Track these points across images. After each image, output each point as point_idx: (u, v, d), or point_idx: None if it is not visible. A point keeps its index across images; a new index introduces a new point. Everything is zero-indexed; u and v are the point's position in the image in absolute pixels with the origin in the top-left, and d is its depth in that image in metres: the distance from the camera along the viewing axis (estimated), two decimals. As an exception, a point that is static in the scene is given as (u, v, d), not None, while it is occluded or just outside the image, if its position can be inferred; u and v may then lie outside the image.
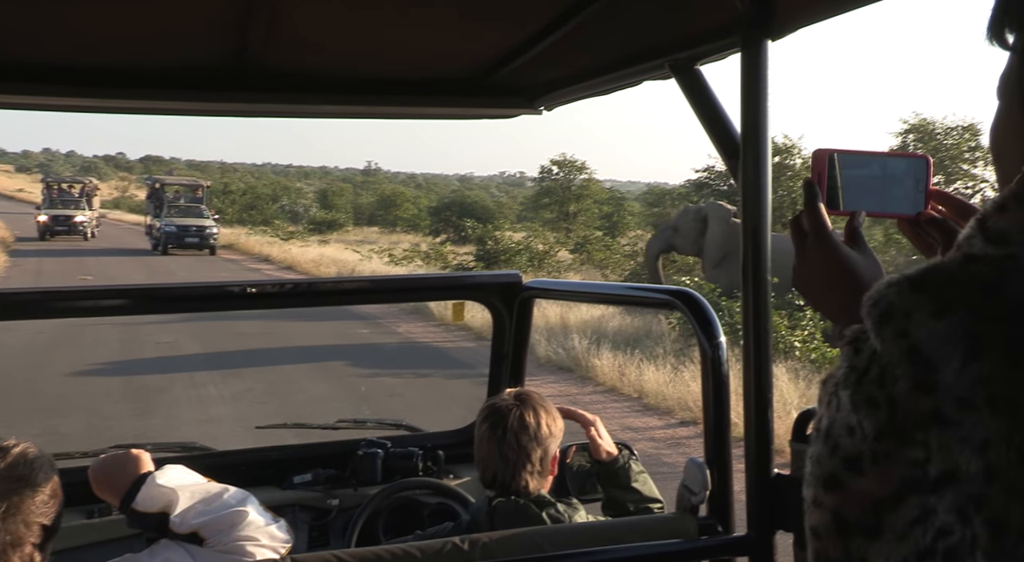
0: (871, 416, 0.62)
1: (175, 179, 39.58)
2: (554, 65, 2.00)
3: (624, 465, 1.99)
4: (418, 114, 2.35)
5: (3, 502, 1.42)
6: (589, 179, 37.06)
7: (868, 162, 1.00)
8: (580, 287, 2.57)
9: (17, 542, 1.43)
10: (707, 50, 1.62)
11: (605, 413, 8.62)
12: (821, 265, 0.92)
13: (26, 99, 1.92)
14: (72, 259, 24.26)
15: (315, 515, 2.34)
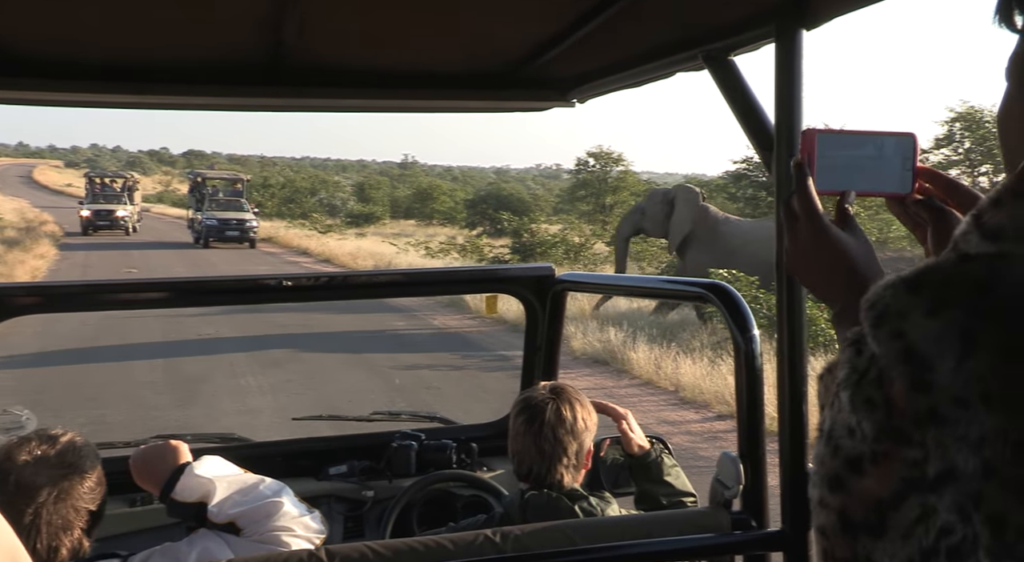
0: (870, 417, 0.61)
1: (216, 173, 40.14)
2: (587, 57, 1.99)
3: (656, 459, 1.98)
4: (450, 107, 2.36)
5: (54, 488, 1.48)
6: (626, 171, 36.82)
7: (856, 141, 0.98)
8: (613, 280, 2.57)
9: (67, 526, 1.49)
10: (741, 40, 1.61)
11: (641, 406, 8.59)
12: (813, 247, 0.92)
13: (68, 96, 1.96)
14: (117, 252, 24.82)
15: (350, 506, 2.37)
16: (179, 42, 1.79)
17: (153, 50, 1.83)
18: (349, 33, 1.79)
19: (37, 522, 1.45)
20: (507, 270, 2.63)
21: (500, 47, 1.93)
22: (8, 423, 2.03)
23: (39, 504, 1.46)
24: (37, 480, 1.47)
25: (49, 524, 1.46)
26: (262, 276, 2.16)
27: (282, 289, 2.16)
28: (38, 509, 1.45)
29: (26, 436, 1.54)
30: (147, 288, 2.27)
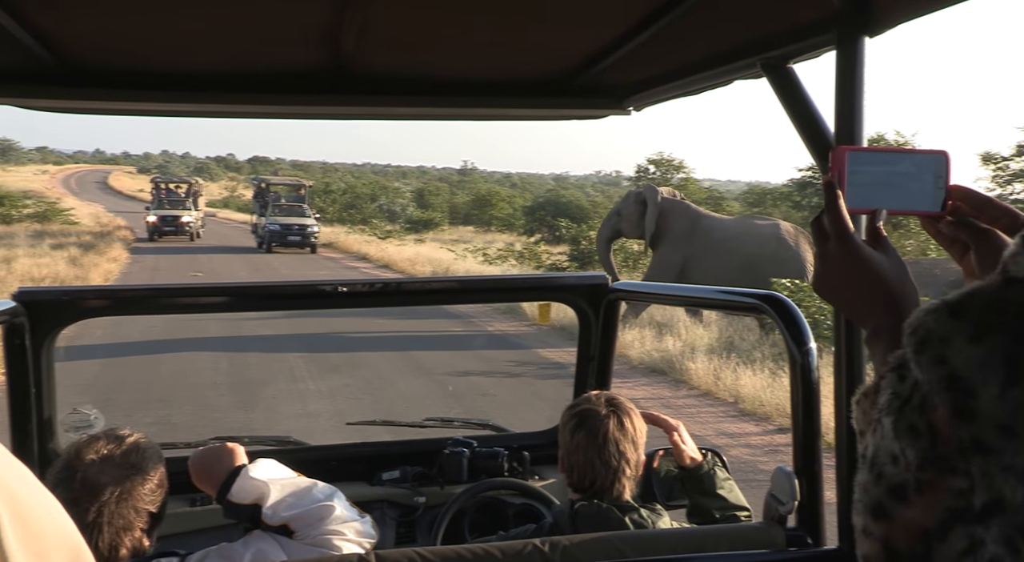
0: (913, 444, 0.60)
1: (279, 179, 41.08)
2: (643, 65, 1.99)
3: (709, 471, 1.96)
4: (506, 115, 2.38)
5: (117, 487, 1.52)
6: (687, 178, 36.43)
7: (887, 159, 0.97)
8: (667, 289, 2.55)
9: (128, 527, 1.53)
10: (800, 48, 1.58)
11: (699, 418, 8.47)
12: (844, 267, 0.90)
13: (134, 105, 2.04)
14: (184, 256, 25.59)
15: (402, 512, 2.40)
16: (240, 52, 1.85)
17: (215, 60, 1.90)
18: (406, 42, 1.83)
19: (99, 521, 1.49)
20: (560, 278, 2.64)
21: (556, 55, 1.94)
22: (77, 422, 2.12)
23: (102, 503, 1.50)
24: (101, 479, 1.51)
25: (110, 524, 1.50)
26: (318, 282, 2.21)
27: (337, 295, 2.21)
28: (101, 508, 1.50)
29: (95, 435, 1.59)
30: (207, 293, 2.34)
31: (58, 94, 1.94)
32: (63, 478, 1.51)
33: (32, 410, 2.05)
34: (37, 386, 2.04)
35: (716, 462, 2.03)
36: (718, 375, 9.68)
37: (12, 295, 2.01)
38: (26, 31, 1.55)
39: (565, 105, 2.27)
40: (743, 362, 9.96)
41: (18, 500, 0.90)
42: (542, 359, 11.11)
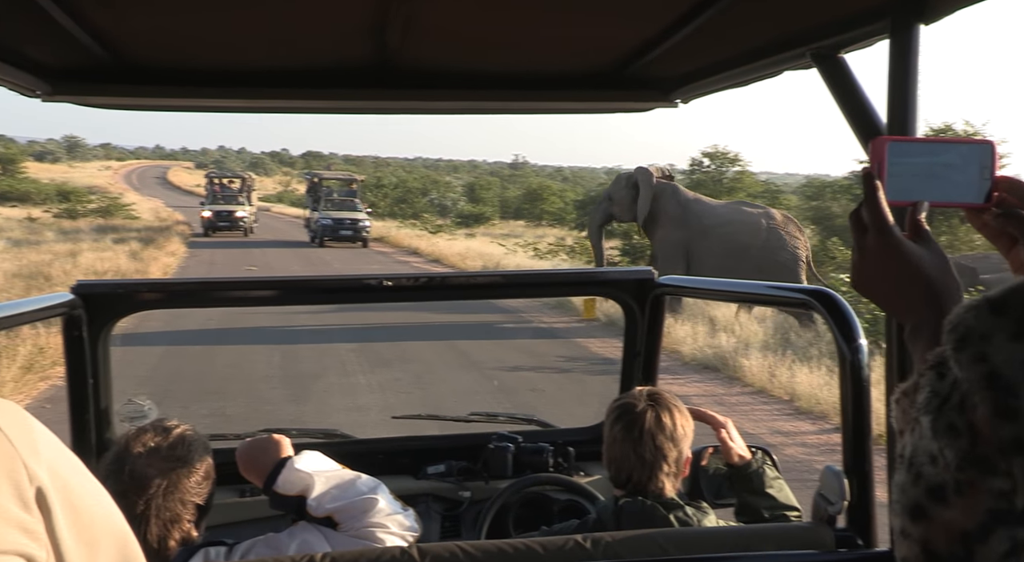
0: (952, 444, 0.59)
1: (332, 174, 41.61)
2: (690, 56, 1.97)
3: (757, 469, 1.94)
4: (552, 109, 2.38)
5: (163, 480, 1.56)
6: (742, 171, 35.87)
7: (930, 149, 0.94)
8: (714, 285, 2.52)
9: (176, 519, 1.57)
10: (852, 37, 1.55)
11: (753, 416, 8.36)
12: (883, 261, 0.87)
13: (185, 101, 2.10)
14: (239, 250, 26.16)
15: (447, 506, 2.42)
16: (288, 48, 1.88)
17: (263, 57, 1.93)
18: (451, 36, 1.84)
19: (147, 513, 1.53)
20: (606, 273, 2.63)
21: (601, 48, 1.93)
22: (132, 412, 2.19)
23: (149, 496, 1.54)
24: (149, 472, 1.55)
25: (158, 516, 1.54)
26: (364, 276, 2.24)
27: (383, 289, 2.24)
28: (148, 501, 1.54)
29: (143, 427, 1.63)
30: (256, 287, 2.40)
31: (115, 91, 2.00)
32: (113, 470, 1.55)
33: (90, 400, 2.12)
34: (94, 377, 2.11)
35: (765, 460, 2.00)
36: (773, 372, 9.53)
37: (70, 288, 2.09)
38: (84, 30, 1.60)
39: (611, 98, 2.26)
40: (799, 359, 9.78)
41: (70, 489, 0.94)
42: (592, 354, 11.08)
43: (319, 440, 2.50)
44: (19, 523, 0.86)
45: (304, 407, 8.02)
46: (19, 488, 0.87)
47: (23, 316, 1.85)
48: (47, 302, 2.00)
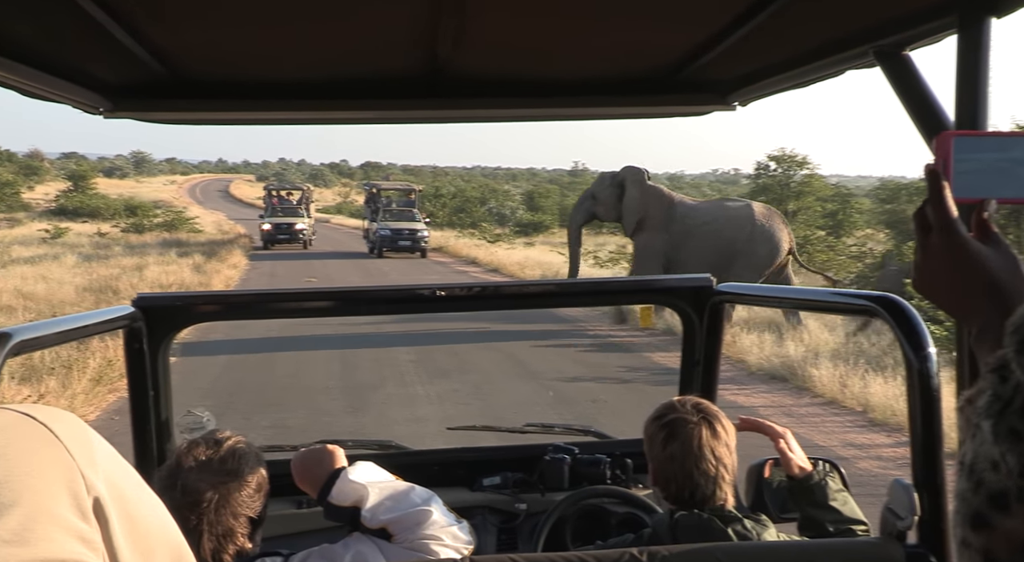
0: (1014, 449, 0.57)
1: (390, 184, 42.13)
2: (748, 58, 1.95)
3: (820, 482, 1.89)
4: (606, 115, 2.38)
5: (215, 493, 1.59)
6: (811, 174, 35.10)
7: (997, 145, 0.90)
8: (773, 291, 2.48)
9: (229, 533, 1.60)
10: (918, 33, 1.51)
11: (823, 428, 8.17)
12: (947, 262, 0.85)
13: (245, 115, 2.17)
14: (299, 262, 26.70)
15: (503, 518, 2.43)
16: (340, 60, 1.93)
17: (316, 69, 1.98)
18: (502, 44, 1.86)
19: (201, 527, 1.56)
20: (663, 281, 2.62)
21: (656, 51, 1.93)
22: (191, 423, 2.26)
23: (202, 510, 1.57)
24: (200, 486, 1.58)
25: (211, 530, 1.57)
26: (418, 286, 2.27)
27: (436, 299, 2.27)
28: (201, 515, 1.56)
29: (195, 440, 1.66)
30: (311, 298, 2.45)
31: (173, 107, 2.07)
32: (166, 485, 1.58)
33: (151, 412, 2.20)
34: (155, 388, 2.18)
35: (828, 472, 1.95)
36: (844, 382, 9.30)
37: (132, 301, 2.17)
38: (142, 47, 1.66)
39: (667, 102, 2.25)
40: (873, 368, 9.52)
41: (126, 499, 0.97)
42: (654, 364, 10.97)
43: (374, 451, 2.53)
44: (77, 532, 0.89)
45: (363, 418, 8.13)
46: (77, 498, 0.90)
47: (86, 329, 1.93)
48: (109, 315, 2.08)
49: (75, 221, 40.30)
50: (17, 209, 48.80)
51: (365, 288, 2.54)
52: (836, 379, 9.45)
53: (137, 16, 1.52)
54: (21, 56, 1.61)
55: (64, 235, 32.22)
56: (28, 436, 0.90)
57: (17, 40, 1.56)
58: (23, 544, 0.84)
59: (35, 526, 0.85)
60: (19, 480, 0.86)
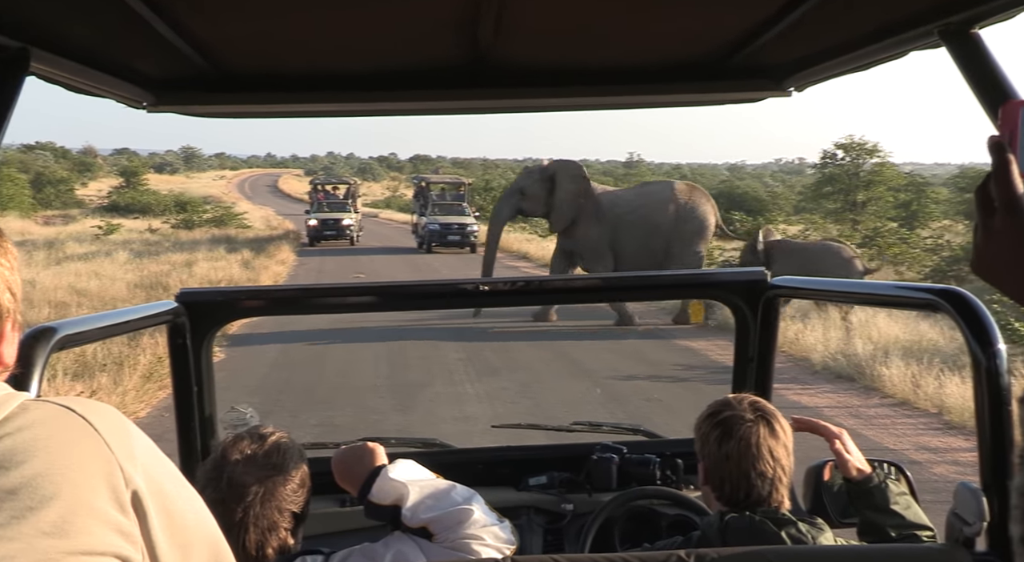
0: None
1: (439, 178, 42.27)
2: (804, 41, 1.91)
3: (880, 484, 1.85)
4: (654, 102, 2.36)
5: (260, 487, 1.63)
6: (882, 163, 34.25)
7: None
8: (832, 285, 2.43)
9: (273, 527, 1.63)
10: (987, 10, 1.46)
11: (894, 430, 7.99)
12: (1012, 243, 0.81)
13: (287, 108, 2.20)
14: (347, 257, 27.06)
15: (550, 519, 2.43)
16: (381, 51, 1.95)
17: (357, 60, 2.01)
18: (545, 30, 1.85)
19: (246, 520, 1.60)
20: (714, 274, 2.59)
21: (706, 35, 1.90)
22: (234, 420, 2.31)
23: (247, 503, 1.60)
24: (246, 479, 1.62)
25: (256, 524, 1.61)
26: (460, 281, 2.29)
27: (479, 294, 2.28)
28: (247, 508, 1.60)
29: (240, 434, 1.71)
30: (353, 292, 2.49)
31: (215, 100, 2.12)
32: (212, 478, 1.63)
33: (194, 407, 2.26)
34: (198, 384, 2.24)
35: (890, 475, 1.91)
36: (917, 382, 9.08)
37: (174, 296, 2.23)
38: (184, 41, 1.71)
39: (719, 89, 2.22)
40: (949, 367, 9.27)
41: (165, 494, 1.01)
42: (712, 362, 10.85)
43: (419, 449, 2.56)
44: (116, 525, 0.93)
45: (411, 417, 8.21)
46: (116, 491, 0.94)
47: (130, 324, 1.99)
48: (152, 310, 2.14)
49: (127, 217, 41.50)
50: (71, 206, 50.57)
51: (406, 283, 2.57)
52: (908, 379, 9.23)
53: (178, 10, 1.56)
54: (66, 51, 1.66)
55: (116, 231, 33.20)
56: (68, 429, 0.94)
57: (62, 35, 1.62)
58: (63, 536, 0.88)
59: (75, 519, 0.89)
60: (59, 473, 0.90)
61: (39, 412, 0.94)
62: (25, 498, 0.87)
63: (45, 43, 1.57)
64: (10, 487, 0.86)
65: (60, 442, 0.92)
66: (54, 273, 19.65)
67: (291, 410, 8.42)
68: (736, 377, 2.50)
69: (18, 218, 39.01)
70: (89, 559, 0.89)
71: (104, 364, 9.71)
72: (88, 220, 39.29)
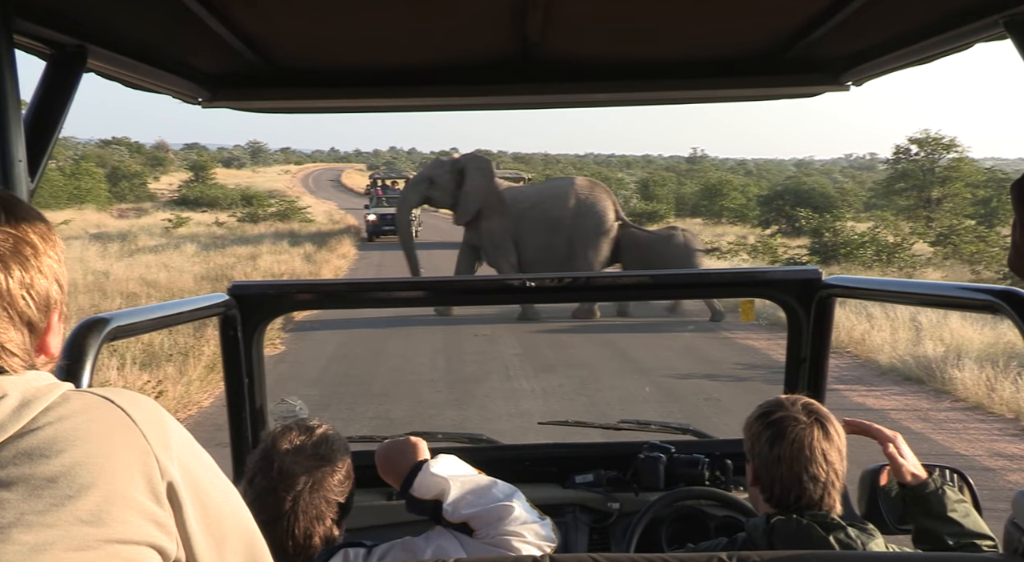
0: None
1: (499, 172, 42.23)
2: (862, 33, 1.86)
3: (936, 491, 1.80)
4: (708, 98, 2.32)
5: (309, 478, 1.66)
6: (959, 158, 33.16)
7: None
8: (888, 285, 2.36)
9: (320, 517, 1.66)
10: None
11: (966, 435, 7.74)
12: None
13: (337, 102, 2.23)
14: (407, 252, 27.34)
15: (596, 517, 2.42)
16: (429, 45, 1.96)
17: (405, 55, 2.02)
18: (593, 24, 1.84)
19: (295, 509, 1.63)
20: (765, 272, 2.54)
21: (761, 29, 1.87)
22: (284, 411, 2.36)
23: (297, 492, 1.64)
24: (296, 469, 1.65)
25: (305, 513, 1.64)
26: (506, 277, 2.30)
27: (526, 290, 2.28)
28: (296, 497, 1.63)
29: (288, 425, 1.74)
30: (402, 287, 2.52)
31: (267, 95, 2.16)
32: (262, 467, 1.66)
33: (245, 399, 2.31)
34: (249, 375, 2.29)
35: (950, 481, 1.86)
36: (992, 386, 8.77)
37: (227, 289, 2.28)
38: (236, 37, 1.75)
39: (774, 83, 2.18)
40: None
41: (200, 486, 1.03)
42: (773, 362, 10.64)
43: (465, 444, 2.58)
44: (151, 516, 0.96)
45: (466, 412, 8.26)
46: (151, 482, 0.97)
47: (181, 316, 2.05)
48: (204, 303, 2.19)
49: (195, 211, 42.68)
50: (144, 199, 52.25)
51: (452, 279, 2.60)
52: (983, 382, 8.93)
53: (230, 6, 1.59)
54: (121, 48, 1.71)
55: (185, 224, 34.13)
56: (107, 420, 0.97)
57: (118, 33, 1.67)
58: (100, 524, 0.91)
59: (111, 508, 0.92)
60: (97, 463, 0.93)
61: (79, 402, 0.97)
62: (64, 486, 0.89)
63: (101, 41, 1.62)
64: (50, 475, 0.89)
65: (99, 432, 0.95)
66: (126, 265, 20.32)
67: (348, 402, 8.55)
68: (788, 378, 2.46)
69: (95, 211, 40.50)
70: (125, 548, 0.92)
71: (170, 354, 10.00)
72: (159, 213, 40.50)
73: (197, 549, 1.01)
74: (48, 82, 1.55)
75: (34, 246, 1.00)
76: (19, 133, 1.39)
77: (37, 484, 0.88)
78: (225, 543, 1.06)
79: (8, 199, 1.02)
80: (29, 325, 0.99)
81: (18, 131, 1.39)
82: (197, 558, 1.01)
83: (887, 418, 8.13)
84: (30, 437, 0.91)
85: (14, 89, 1.38)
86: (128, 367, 9.22)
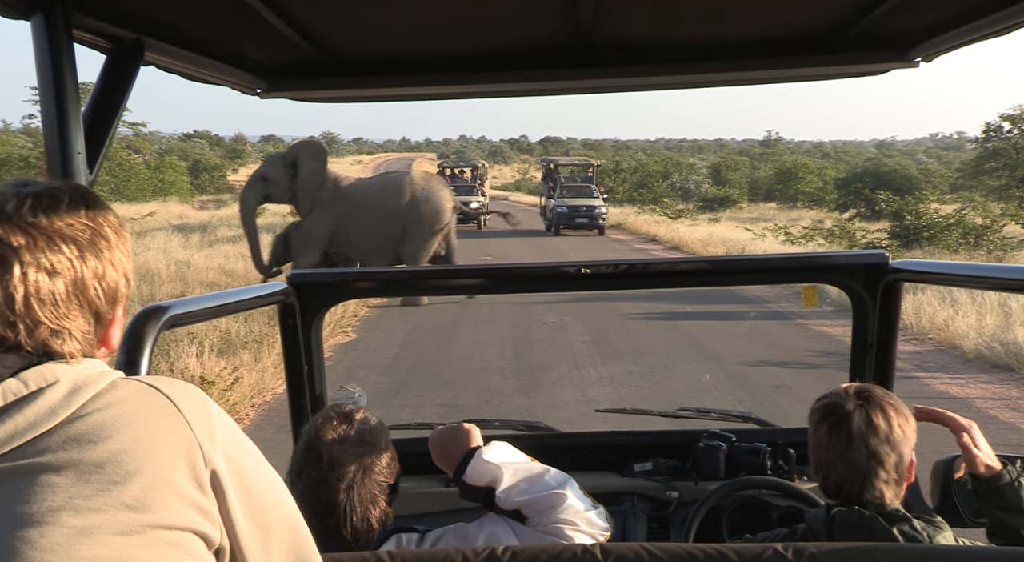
0: None
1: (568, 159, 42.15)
2: (931, 6, 1.78)
3: (1012, 483, 1.72)
4: (769, 78, 2.26)
5: (359, 465, 1.67)
6: (1053, 137, 31.65)
7: None
8: (961, 269, 2.26)
9: (374, 500, 1.68)
10: None
11: (1055, 426, 7.40)
12: None
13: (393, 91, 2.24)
14: (476, 240, 27.44)
15: (655, 506, 2.40)
16: (481, 31, 1.95)
17: (458, 42, 2.02)
18: (646, 7, 1.81)
19: (351, 495, 1.65)
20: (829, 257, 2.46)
21: (824, 4, 1.81)
22: (343, 398, 2.39)
23: (350, 480, 1.65)
24: (345, 458, 1.66)
25: (360, 498, 1.66)
26: (562, 264, 2.28)
27: (582, 277, 2.27)
28: (350, 484, 1.65)
29: (327, 414, 1.74)
30: (459, 275, 2.53)
31: (323, 85, 2.19)
32: (310, 458, 1.67)
33: (305, 386, 2.35)
34: (309, 363, 2.33)
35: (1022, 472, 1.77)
36: (1089, 375, 8.37)
37: (286, 277, 2.32)
38: (291, 27, 1.77)
39: (839, 62, 2.10)
40: None
41: (244, 474, 1.05)
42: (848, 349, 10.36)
43: (523, 432, 2.58)
44: (195, 503, 0.98)
45: (534, 399, 8.27)
46: (195, 470, 0.99)
47: (240, 304, 2.09)
48: (265, 291, 2.24)
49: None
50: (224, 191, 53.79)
51: (509, 266, 2.59)
52: (1077, 371, 8.54)
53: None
54: (178, 41, 1.75)
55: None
56: (153, 408, 1.00)
57: (174, 26, 1.71)
58: (144, 510, 0.93)
59: (156, 494, 0.94)
60: (142, 449, 0.95)
61: (127, 390, 0.99)
62: (111, 472, 0.92)
63: (158, 34, 1.66)
64: (97, 461, 0.92)
65: (144, 420, 0.97)
66: (206, 255, 20.96)
67: (417, 390, 8.65)
68: (854, 366, 2.38)
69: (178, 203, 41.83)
70: (169, 534, 0.94)
71: (246, 342, 10.27)
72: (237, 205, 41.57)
73: (241, 536, 1.03)
74: (107, 75, 1.59)
75: (108, 239, 1.03)
76: (78, 126, 1.43)
77: (85, 469, 0.91)
78: (269, 531, 1.07)
79: (86, 192, 1.06)
80: (96, 315, 1.02)
81: (77, 124, 1.43)
82: (241, 545, 1.03)
83: (972, 407, 7.83)
84: (79, 423, 0.94)
85: (74, 83, 1.42)
86: (207, 354, 9.51)
